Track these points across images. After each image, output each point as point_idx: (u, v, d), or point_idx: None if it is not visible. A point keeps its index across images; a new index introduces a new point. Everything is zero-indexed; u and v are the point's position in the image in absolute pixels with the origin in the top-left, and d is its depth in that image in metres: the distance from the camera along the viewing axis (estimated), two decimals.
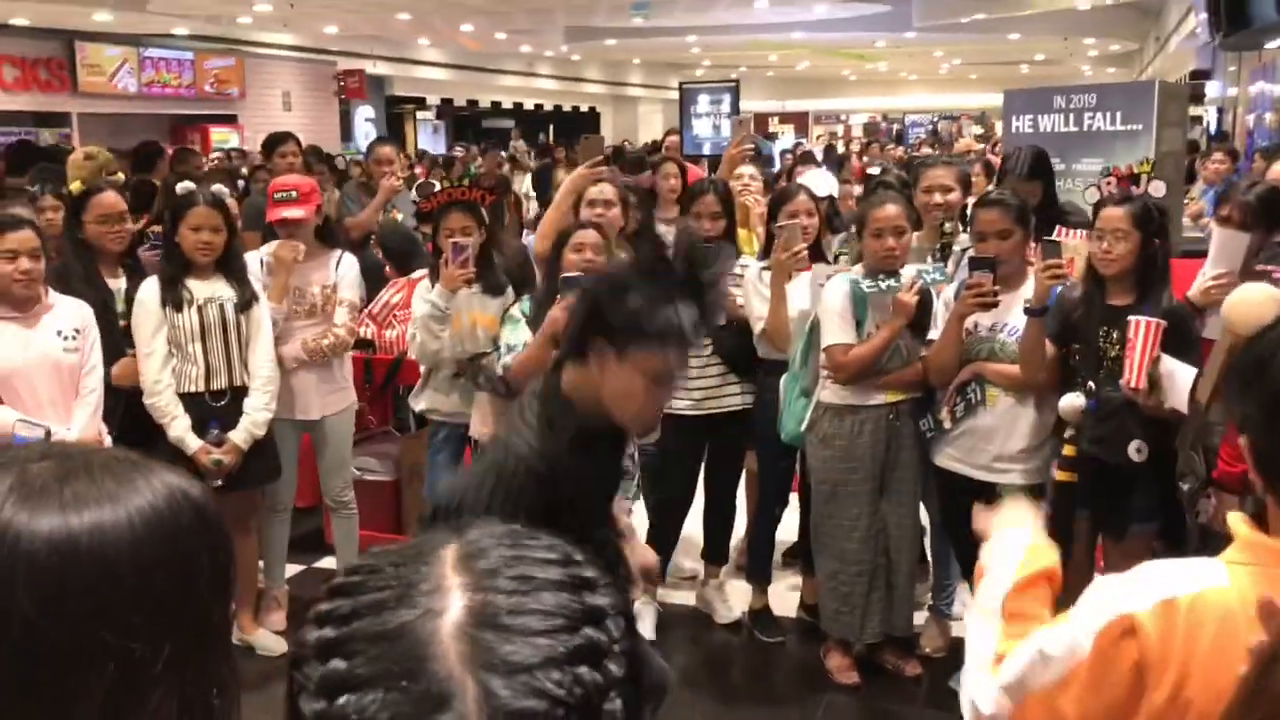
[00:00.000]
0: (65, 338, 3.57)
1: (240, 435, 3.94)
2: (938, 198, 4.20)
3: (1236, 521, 1.30)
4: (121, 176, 5.31)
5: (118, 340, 3.96)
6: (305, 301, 4.26)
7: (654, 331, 2.06)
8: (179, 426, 3.88)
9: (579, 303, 2.27)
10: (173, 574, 0.82)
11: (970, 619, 1.57)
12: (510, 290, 4.12)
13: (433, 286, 4.01)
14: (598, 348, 2.13)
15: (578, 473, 2.12)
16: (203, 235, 3.89)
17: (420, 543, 0.77)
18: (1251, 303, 2.03)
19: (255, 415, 3.97)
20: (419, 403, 4.25)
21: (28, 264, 3.45)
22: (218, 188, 4.17)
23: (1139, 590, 1.28)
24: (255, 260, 4.26)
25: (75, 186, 4.27)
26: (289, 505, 4.42)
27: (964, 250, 3.96)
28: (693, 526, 4.55)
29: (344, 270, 4.33)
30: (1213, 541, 2.47)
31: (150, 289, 3.90)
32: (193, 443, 3.88)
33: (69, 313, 3.61)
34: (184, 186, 4.11)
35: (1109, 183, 3.41)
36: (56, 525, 0.78)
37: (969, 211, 4.01)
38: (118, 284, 4.10)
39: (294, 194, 4.25)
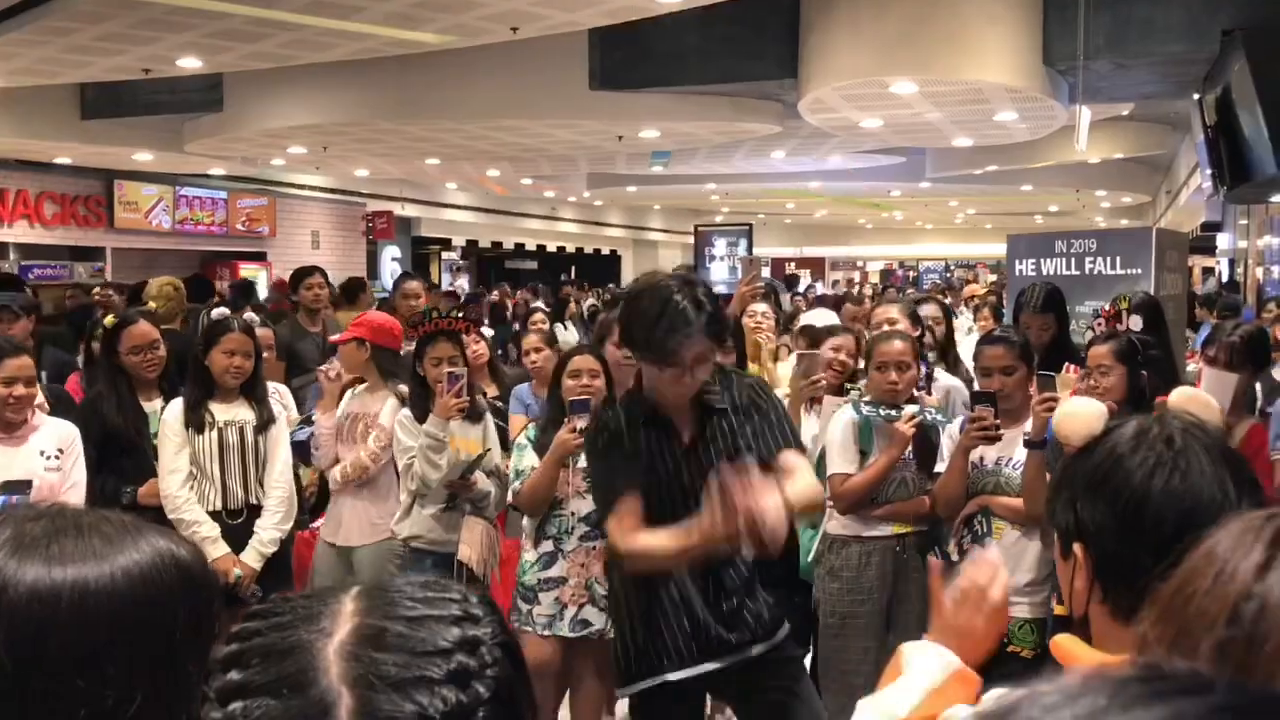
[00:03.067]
0: (48, 457, 3.69)
1: (249, 555, 4.02)
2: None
3: (1065, 642, 1.26)
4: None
5: (149, 461, 4.09)
6: (358, 430, 4.39)
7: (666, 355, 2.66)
8: (206, 532, 3.98)
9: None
10: (151, 629, 0.89)
11: (862, 713, 1.52)
12: (488, 415, 4.23)
13: (414, 415, 4.10)
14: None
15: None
16: (235, 360, 4.05)
17: (334, 586, 0.87)
18: (1080, 416, 2.09)
19: (264, 535, 4.06)
20: (402, 529, 4.25)
21: (21, 390, 3.59)
22: (249, 316, 4.35)
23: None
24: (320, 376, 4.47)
25: (109, 320, 4.45)
26: None
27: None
28: None
29: (387, 401, 4.45)
30: None
31: (174, 411, 4.05)
32: (219, 551, 3.97)
33: (54, 433, 3.75)
34: (219, 312, 4.29)
35: (1099, 323, 3.54)
36: (40, 576, 0.85)
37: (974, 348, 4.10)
38: (153, 406, 4.24)
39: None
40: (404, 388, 4.55)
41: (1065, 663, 1.23)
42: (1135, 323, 3.47)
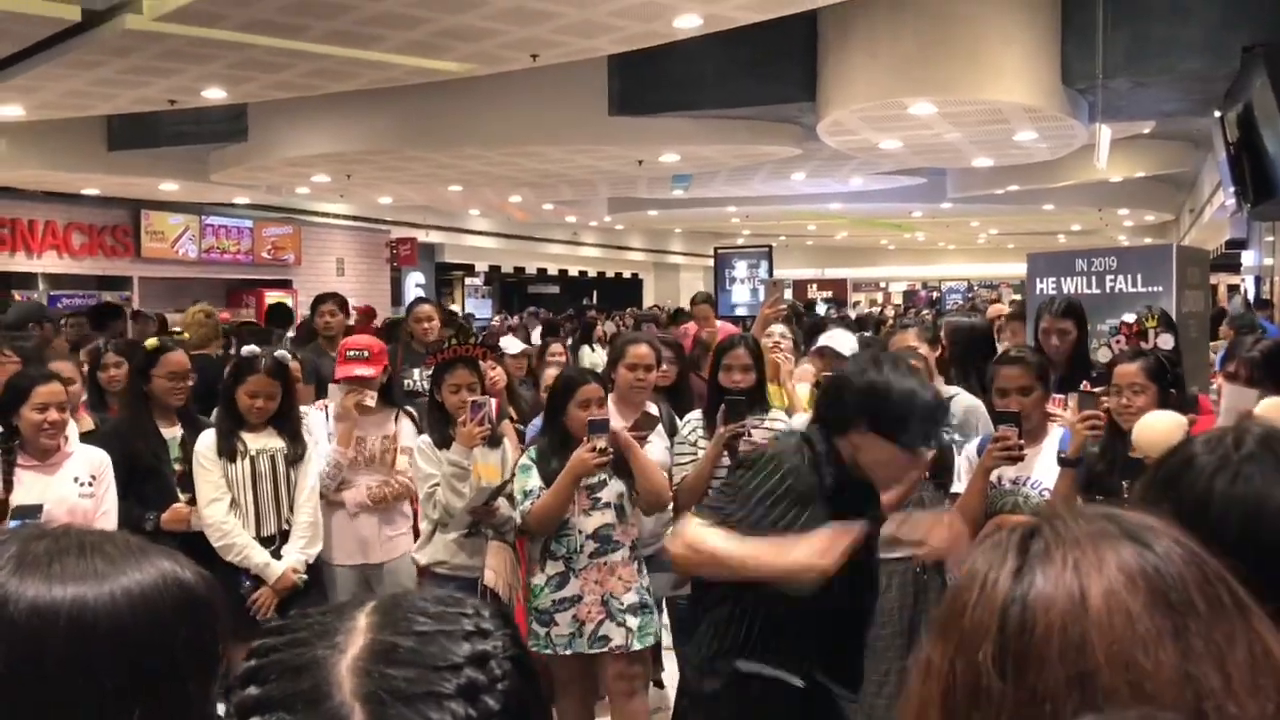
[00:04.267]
0: (82, 484, 3.74)
1: (280, 575, 4.06)
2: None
3: None
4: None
5: (171, 487, 4.14)
6: (366, 451, 4.44)
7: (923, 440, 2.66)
8: (260, 555, 4.06)
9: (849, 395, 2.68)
10: (150, 647, 0.91)
11: None
12: (507, 441, 4.25)
13: (434, 442, 4.13)
14: (859, 429, 2.61)
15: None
16: (257, 401, 4.09)
17: (351, 600, 0.89)
18: (1159, 428, 2.09)
19: (290, 559, 4.09)
20: (423, 556, 4.26)
21: (55, 415, 3.65)
22: (281, 353, 4.39)
23: None
24: (320, 415, 4.47)
25: (151, 343, 4.50)
26: None
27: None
28: None
29: (404, 424, 4.53)
30: None
31: (207, 440, 4.11)
32: (277, 568, 4.06)
33: (87, 460, 3.79)
34: (249, 350, 4.33)
35: (1118, 341, 3.51)
36: (40, 593, 0.88)
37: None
38: (172, 433, 4.29)
39: (365, 354, 4.47)
40: (411, 409, 4.61)
41: None
42: (1165, 341, 3.43)
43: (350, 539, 4.42)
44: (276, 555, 4.10)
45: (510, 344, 6.32)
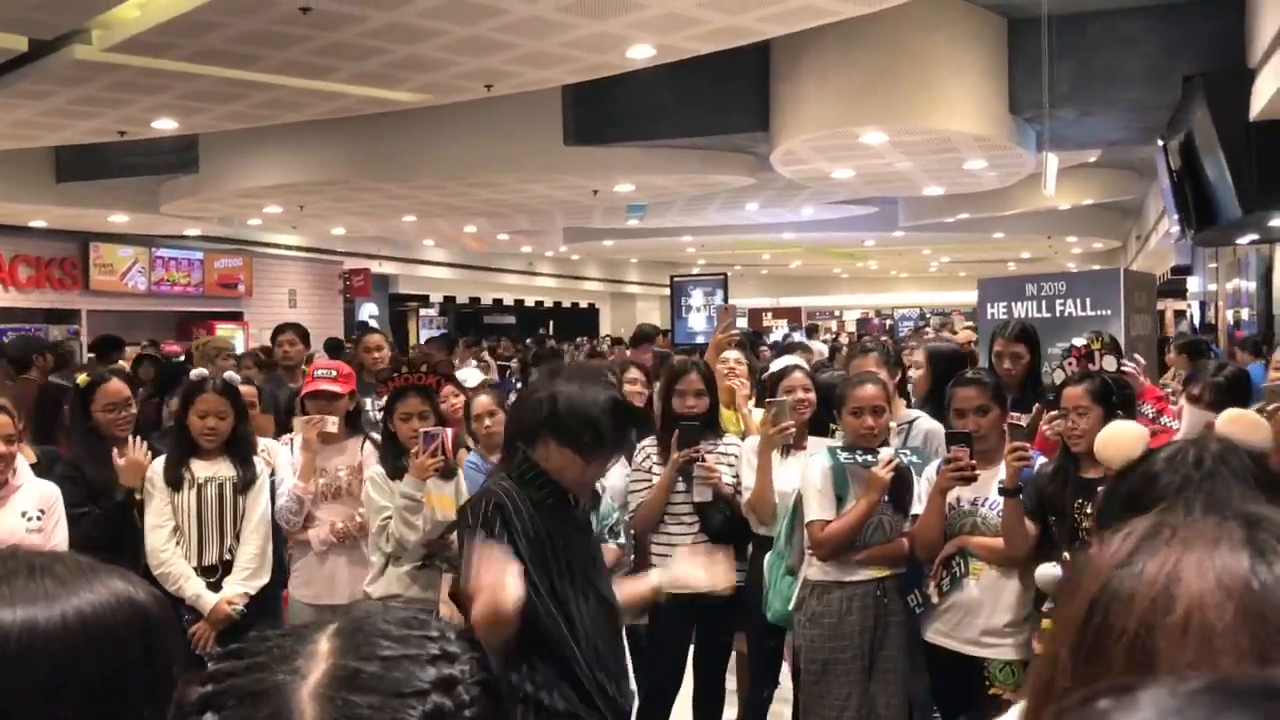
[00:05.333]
0: (29, 518, 3.66)
1: (213, 607, 3.98)
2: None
3: None
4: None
5: (130, 516, 4.08)
6: (331, 484, 4.33)
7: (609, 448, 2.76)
8: (193, 587, 3.98)
9: (532, 408, 2.77)
10: (102, 670, 0.89)
11: None
12: (461, 472, 4.18)
13: (387, 473, 4.05)
14: (545, 439, 2.70)
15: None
16: (208, 421, 4.04)
17: (314, 621, 0.86)
18: (1119, 440, 2.11)
19: (229, 591, 4.02)
20: (376, 590, 4.12)
21: (2, 448, 3.58)
22: (230, 375, 4.33)
23: None
24: (285, 451, 4.38)
25: (83, 379, 4.42)
26: None
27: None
28: (682, 711, 4.49)
29: (369, 453, 4.38)
30: None
31: (156, 468, 4.06)
32: (210, 599, 3.97)
33: (36, 494, 3.71)
34: (197, 373, 4.28)
35: (1070, 363, 3.57)
36: None
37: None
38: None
39: (334, 373, 4.41)
40: (376, 436, 4.52)
41: None
42: (1109, 363, 3.50)
43: (319, 578, 4.29)
44: (217, 586, 4.02)
45: (470, 375, 6.24)
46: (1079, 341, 4.00)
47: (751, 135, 9.09)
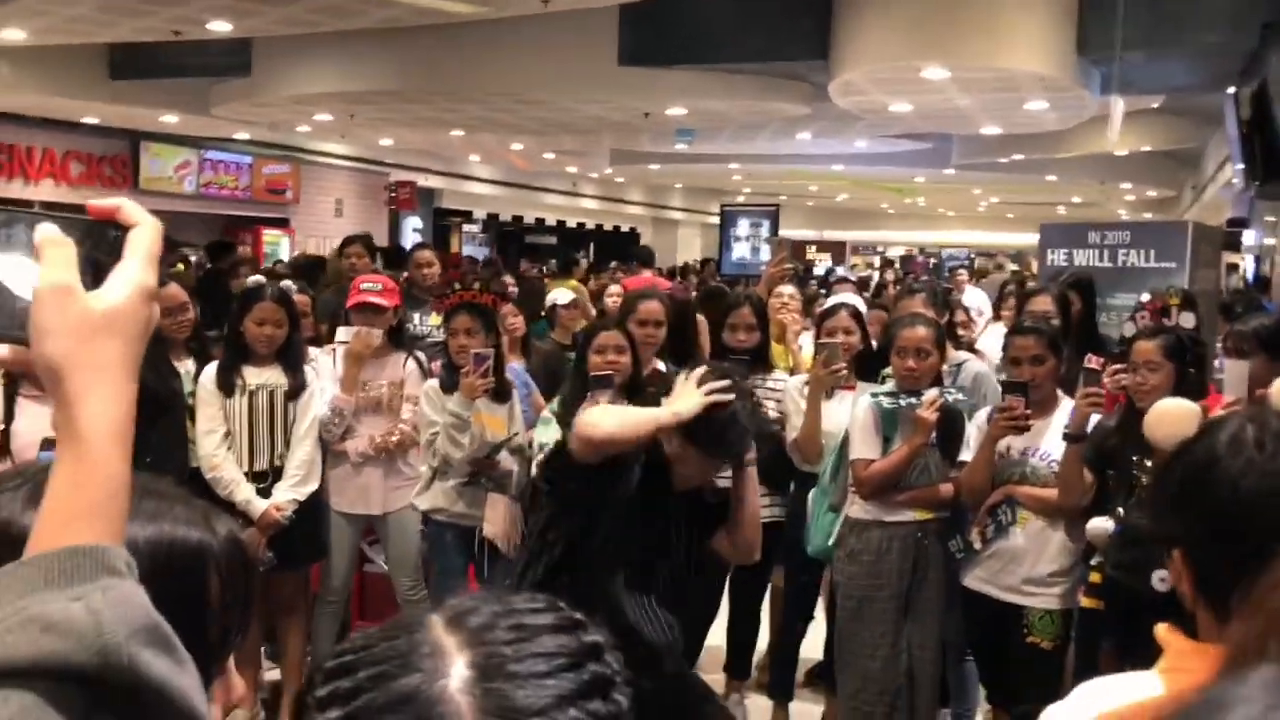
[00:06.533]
0: None
1: (262, 512, 4.05)
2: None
3: (1165, 632, 1.28)
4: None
5: (181, 421, 4.16)
6: (372, 396, 4.37)
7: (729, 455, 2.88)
8: (243, 492, 4.05)
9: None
10: (185, 592, 0.91)
11: None
12: (515, 395, 4.20)
13: (444, 390, 4.09)
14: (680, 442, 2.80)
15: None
16: (265, 329, 4.07)
17: (402, 617, 0.81)
18: (1172, 419, 2.04)
19: (279, 497, 4.09)
20: (422, 502, 4.23)
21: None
22: (286, 283, 4.35)
23: (1075, 709, 1.28)
24: (328, 360, 4.41)
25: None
26: (341, 596, 4.49)
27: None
28: (716, 639, 4.53)
29: (411, 369, 4.44)
30: None
31: (209, 374, 4.11)
32: (259, 505, 4.04)
33: None
34: (254, 280, 4.30)
35: (1142, 316, 3.49)
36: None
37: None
38: (185, 366, 4.28)
39: (380, 286, 4.42)
40: (421, 354, 4.54)
41: (1168, 652, 1.25)
42: (1186, 319, 3.42)
43: (353, 488, 4.37)
44: (267, 493, 4.08)
45: (561, 294, 6.10)
46: (1145, 297, 3.92)
47: (810, 64, 8.91)
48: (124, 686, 0.67)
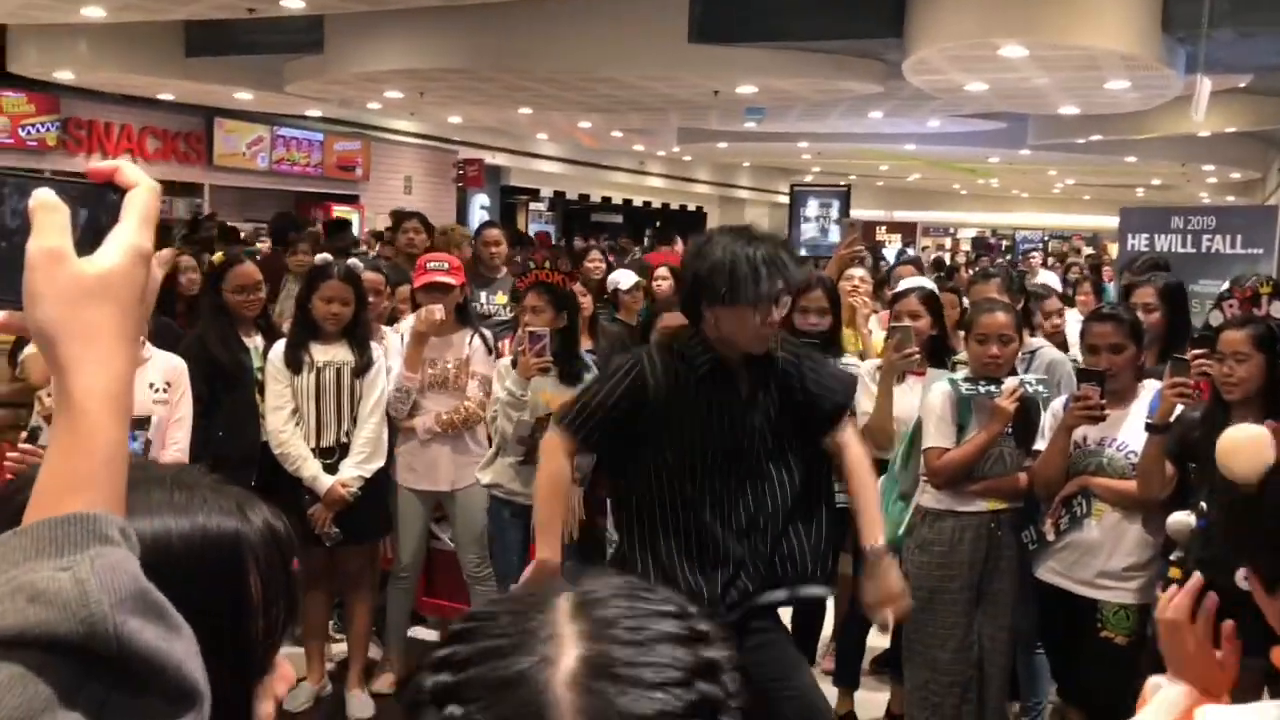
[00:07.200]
0: (156, 390, 3.73)
1: (328, 489, 4.08)
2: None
3: None
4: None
5: (250, 397, 4.19)
6: (439, 375, 4.39)
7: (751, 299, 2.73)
8: (310, 468, 4.09)
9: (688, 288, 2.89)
10: (221, 583, 0.90)
11: None
12: (587, 376, 4.17)
13: (514, 368, 4.11)
14: (708, 309, 2.80)
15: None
16: (333, 307, 4.10)
17: (536, 591, 0.79)
18: (1246, 449, 1.92)
19: (345, 474, 4.12)
20: (485, 476, 4.28)
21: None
22: (353, 261, 4.38)
23: None
24: (395, 338, 4.44)
25: (217, 258, 4.51)
26: (412, 573, 4.53)
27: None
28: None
29: (476, 346, 4.45)
30: None
31: (277, 350, 4.16)
32: (326, 481, 4.08)
33: (161, 366, 3.78)
34: (322, 258, 4.33)
35: (1231, 305, 3.36)
36: None
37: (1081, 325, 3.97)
38: (254, 342, 4.33)
39: (445, 265, 4.44)
40: (486, 332, 4.55)
41: None
42: (1278, 309, 3.28)
43: (421, 464, 4.41)
44: (334, 469, 4.12)
45: (624, 276, 6.07)
46: (1232, 283, 3.78)
47: (884, 41, 8.75)
48: (112, 656, 0.66)
